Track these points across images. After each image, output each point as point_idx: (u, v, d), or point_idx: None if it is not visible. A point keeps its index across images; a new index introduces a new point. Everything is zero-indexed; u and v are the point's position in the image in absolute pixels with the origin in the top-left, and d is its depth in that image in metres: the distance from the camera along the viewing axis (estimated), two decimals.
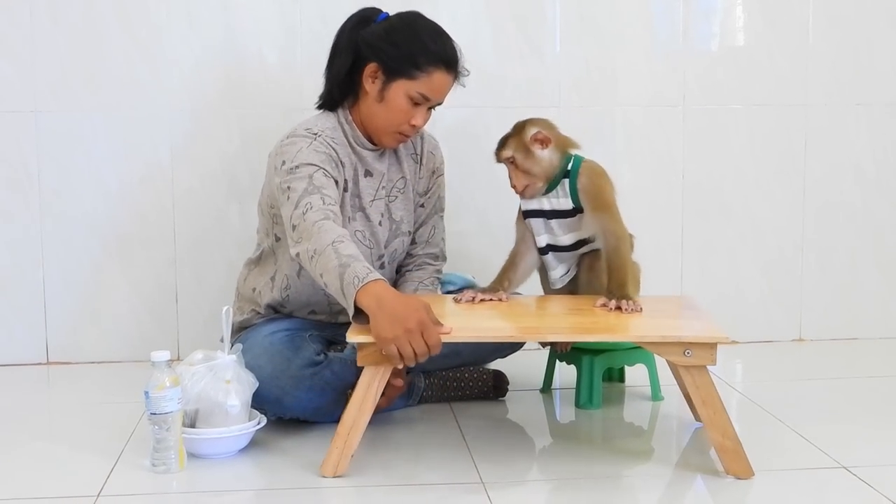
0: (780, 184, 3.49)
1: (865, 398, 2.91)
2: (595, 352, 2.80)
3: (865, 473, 2.29)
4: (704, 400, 2.26)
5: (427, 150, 2.85)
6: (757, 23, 3.43)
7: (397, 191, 2.78)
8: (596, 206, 2.55)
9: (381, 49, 2.60)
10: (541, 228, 2.64)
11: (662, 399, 2.85)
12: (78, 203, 3.30)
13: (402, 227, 2.79)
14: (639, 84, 3.41)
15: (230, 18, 3.28)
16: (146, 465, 2.37)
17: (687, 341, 2.24)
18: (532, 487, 2.30)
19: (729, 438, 2.27)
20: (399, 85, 2.59)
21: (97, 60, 3.26)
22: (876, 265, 3.55)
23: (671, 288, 3.39)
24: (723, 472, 2.29)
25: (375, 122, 2.65)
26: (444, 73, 2.61)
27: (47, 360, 3.35)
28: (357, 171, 2.69)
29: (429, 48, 2.59)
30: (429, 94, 2.61)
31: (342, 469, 2.30)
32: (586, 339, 2.57)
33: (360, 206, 2.70)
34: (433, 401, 2.84)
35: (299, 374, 2.54)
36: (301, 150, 2.56)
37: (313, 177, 2.50)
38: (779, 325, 3.54)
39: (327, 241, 2.35)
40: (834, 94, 3.47)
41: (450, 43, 2.64)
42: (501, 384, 2.90)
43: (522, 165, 2.58)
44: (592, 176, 2.58)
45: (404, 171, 2.79)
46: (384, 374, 2.29)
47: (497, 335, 2.46)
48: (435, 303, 2.48)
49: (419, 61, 2.58)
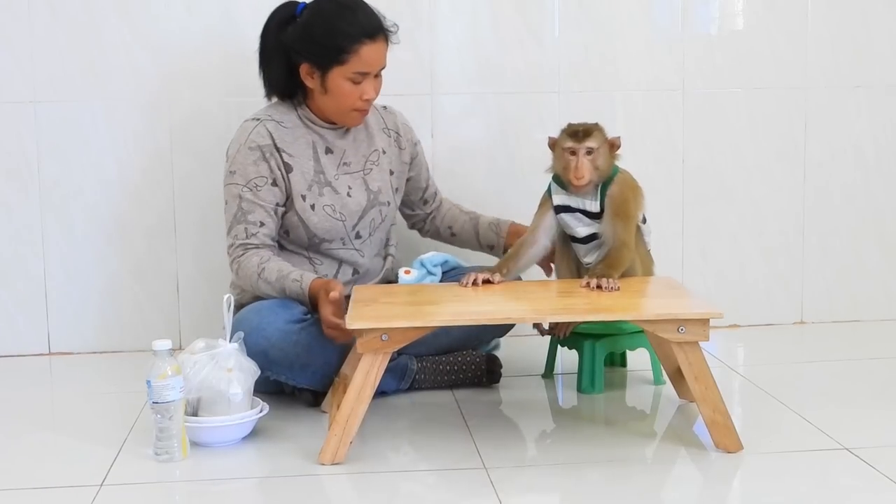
0: (780, 167, 3.48)
1: (867, 380, 2.91)
2: (597, 336, 2.80)
3: (867, 455, 2.30)
4: (697, 376, 2.32)
5: (401, 123, 2.96)
6: (756, 6, 3.42)
7: (371, 163, 2.85)
8: (616, 214, 2.63)
9: (305, 49, 2.71)
10: (577, 222, 2.68)
11: (665, 383, 2.85)
12: (78, 193, 3.30)
13: (381, 198, 2.85)
14: (638, 68, 3.41)
15: (229, 5, 3.27)
16: (149, 454, 2.37)
17: (682, 317, 2.29)
18: (534, 472, 2.30)
19: (720, 413, 2.32)
20: (335, 73, 2.69)
21: (96, 50, 3.25)
22: (877, 247, 3.55)
23: (672, 272, 3.39)
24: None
25: (331, 110, 2.76)
26: (370, 45, 2.69)
27: (49, 351, 3.36)
28: (316, 149, 2.78)
29: (344, 30, 2.68)
30: (365, 69, 2.70)
31: (341, 456, 2.31)
32: (580, 319, 2.60)
33: (325, 182, 2.77)
34: (426, 385, 2.83)
35: (286, 327, 2.58)
36: (239, 149, 2.73)
37: (242, 198, 2.70)
38: (780, 307, 3.54)
39: (254, 276, 2.66)
40: (834, 76, 3.46)
41: (362, 13, 2.71)
42: (495, 369, 2.89)
43: (596, 160, 2.61)
44: (624, 186, 2.66)
45: (376, 144, 2.87)
46: (383, 362, 2.31)
47: (492, 318, 2.47)
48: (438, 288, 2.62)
49: (342, 46, 2.67)
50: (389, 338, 2.29)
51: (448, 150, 3.36)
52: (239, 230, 2.71)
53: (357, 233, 2.81)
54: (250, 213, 2.70)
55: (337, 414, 2.33)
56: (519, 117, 3.35)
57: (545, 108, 3.34)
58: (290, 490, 2.22)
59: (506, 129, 3.34)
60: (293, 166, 2.74)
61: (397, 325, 2.30)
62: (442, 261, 2.85)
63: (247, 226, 2.70)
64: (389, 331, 2.28)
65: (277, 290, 2.64)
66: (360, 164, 2.83)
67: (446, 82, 3.35)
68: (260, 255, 2.68)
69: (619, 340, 2.85)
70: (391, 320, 2.31)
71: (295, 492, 2.21)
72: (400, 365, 2.76)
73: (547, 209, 2.70)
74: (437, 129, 3.35)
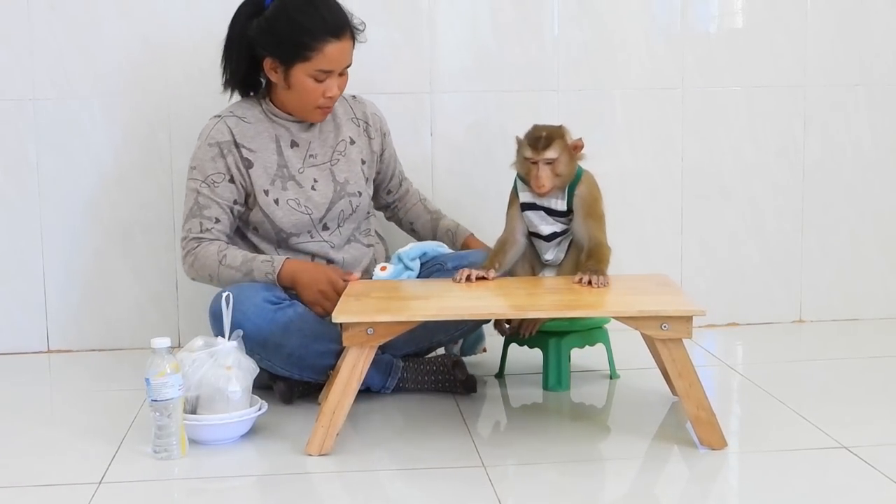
0: (779, 165, 3.48)
1: (866, 379, 2.91)
2: (561, 334, 2.82)
3: (866, 453, 2.30)
4: (680, 372, 2.33)
5: (370, 113, 2.96)
6: (756, 4, 3.42)
7: (339, 154, 2.86)
8: (588, 214, 2.64)
9: (268, 43, 2.71)
10: (541, 220, 2.68)
11: (619, 377, 2.91)
12: (77, 190, 3.30)
13: (349, 188, 2.85)
14: (638, 66, 3.40)
15: (228, 2, 3.26)
16: (148, 452, 2.37)
17: (664, 315, 2.31)
18: (531, 469, 2.31)
19: (704, 410, 2.34)
20: (298, 69, 2.70)
21: (95, 47, 3.25)
22: (876, 245, 3.55)
23: (671, 270, 3.39)
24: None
25: (293, 106, 2.78)
26: (334, 43, 2.69)
27: (48, 349, 3.36)
28: (280, 143, 2.79)
29: (307, 27, 2.67)
30: (329, 67, 2.70)
31: (328, 448, 2.34)
32: (566, 315, 2.62)
33: (289, 176, 2.78)
34: (410, 387, 2.79)
35: (262, 305, 2.59)
36: (200, 145, 2.78)
37: (199, 193, 2.74)
38: (779, 306, 3.54)
39: (214, 263, 2.70)
40: (833, 74, 3.46)
41: (327, 10, 2.71)
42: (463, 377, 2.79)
43: (557, 168, 2.61)
44: (591, 187, 2.67)
45: (344, 133, 2.88)
46: (369, 355, 2.34)
47: (476, 313, 2.48)
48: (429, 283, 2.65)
49: (305, 42, 2.67)
50: (375, 331, 2.32)
51: (447, 149, 3.36)
52: (194, 224, 2.74)
53: (325, 224, 2.82)
54: (206, 208, 2.73)
55: (324, 405, 2.36)
56: (518, 115, 3.35)
57: (544, 106, 3.34)
58: (289, 488, 2.22)
59: (505, 128, 3.33)
60: (253, 161, 2.76)
61: (382, 319, 2.32)
62: (420, 253, 2.80)
63: (202, 220, 2.73)
64: (375, 324, 2.32)
65: (244, 272, 2.67)
66: (328, 155, 2.84)
67: (446, 80, 3.35)
68: (218, 245, 2.72)
69: (582, 336, 2.86)
70: (376, 314, 2.34)
71: (293, 490, 2.21)
72: (385, 360, 2.75)
73: (517, 207, 2.71)
74: (436, 127, 3.35)
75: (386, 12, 3.25)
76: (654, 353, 2.62)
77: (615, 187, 3.02)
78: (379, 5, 3.22)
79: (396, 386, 2.77)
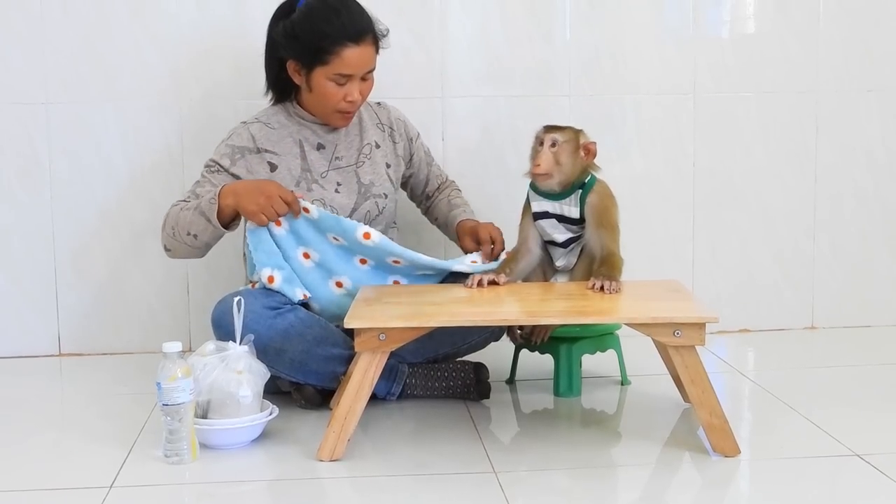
0: (791, 171, 3.47)
1: (879, 386, 2.90)
2: (572, 339, 2.81)
3: (879, 461, 2.29)
4: (693, 379, 2.32)
5: (395, 118, 2.98)
6: (768, 9, 3.42)
7: (364, 156, 2.86)
8: (600, 223, 2.64)
9: (290, 46, 2.73)
10: (553, 228, 2.69)
11: (630, 383, 2.90)
12: (89, 193, 3.30)
13: (374, 190, 2.85)
14: (649, 71, 3.40)
15: (240, 4, 3.28)
16: (159, 456, 2.37)
17: (677, 322, 2.30)
18: (543, 476, 2.30)
19: (717, 417, 2.33)
20: (318, 73, 2.72)
21: (107, 50, 3.26)
22: (889, 251, 3.53)
23: (683, 275, 3.38)
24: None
25: (316, 109, 2.81)
26: (352, 48, 2.70)
27: (59, 352, 3.36)
28: (304, 147, 2.80)
29: (327, 32, 2.68)
30: (348, 72, 2.71)
31: (339, 453, 2.34)
32: (579, 321, 2.58)
33: (313, 179, 2.80)
34: (418, 393, 2.78)
35: (261, 311, 2.59)
36: (220, 145, 2.81)
37: (202, 177, 2.77)
38: (791, 312, 3.53)
39: (174, 212, 2.71)
40: (845, 80, 3.45)
41: (348, 16, 2.71)
42: (483, 378, 2.79)
43: (559, 155, 2.62)
44: (603, 196, 2.67)
45: (369, 137, 2.89)
46: (381, 361, 2.33)
47: (488, 319, 2.48)
48: (442, 289, 2.65)
49: (324, 47, 2.69)
50: (387, 337, 2.32)
51: (458, 153, 3.36)
52: (183, 197, 2.77)
53: None
54: (200, 186, 2.76)
55: (335, 411, 2.35)
56: (530, 120, 3.34)
57: (556, 110, 3.34)
58: (299, 493, 2.22)
59: (516, 132, 3.33)
60: (278, 165, 2.78)
61: (394, 325, 2.32)
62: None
63: (191, 194, 2.75)
64: (387, 330, 2.31)
65: (193, 208, 2.66)
66: (353, 157, 2.85)
67: (457, 85, 3.35)
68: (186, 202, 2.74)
69: (593, 342, 2.86)
70: (389, 320, 2.33)
71: (304, 494, 2.21)
72: (388, 365, 2.74)
73: (529, 217, 2.72)
74: (447, 131, 3.35)
75: (397, 16, 3.25)
76: (665, 359, 2.61)
77: (626, 192, 3.00)
78: (390, 9, 3.21)
79: (403, 392, 2.77)
